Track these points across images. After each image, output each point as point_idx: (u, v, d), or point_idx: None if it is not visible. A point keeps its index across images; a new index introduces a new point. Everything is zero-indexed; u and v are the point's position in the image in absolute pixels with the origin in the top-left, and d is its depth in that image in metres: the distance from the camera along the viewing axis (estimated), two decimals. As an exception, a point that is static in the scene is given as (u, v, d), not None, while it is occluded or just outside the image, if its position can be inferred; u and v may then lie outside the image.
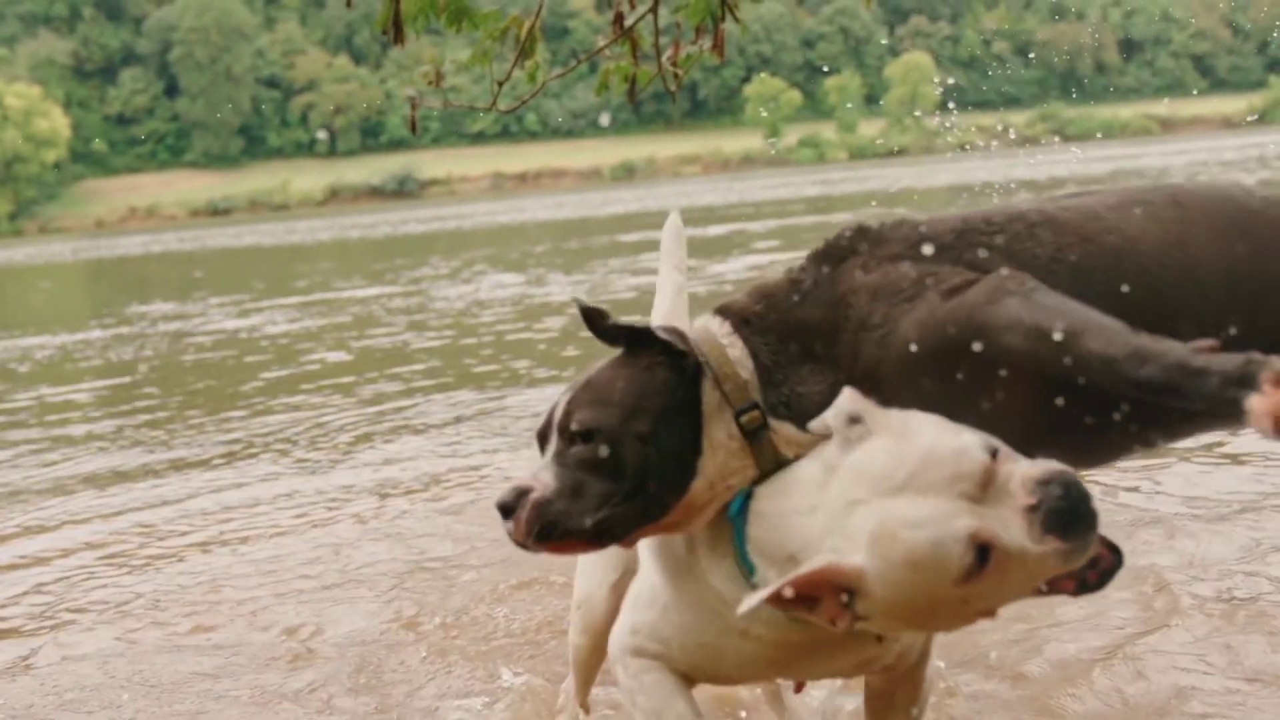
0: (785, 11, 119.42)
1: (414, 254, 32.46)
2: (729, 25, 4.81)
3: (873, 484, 2.18)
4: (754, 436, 2.47)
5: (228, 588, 5.31)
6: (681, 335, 2.48)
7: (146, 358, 14.45)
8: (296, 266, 33.01)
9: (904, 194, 39.68)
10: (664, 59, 4.90)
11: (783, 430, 2.47)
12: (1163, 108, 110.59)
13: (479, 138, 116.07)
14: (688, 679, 2.66)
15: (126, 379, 12.87)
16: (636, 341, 2.49)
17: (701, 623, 2.54)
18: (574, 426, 2.43)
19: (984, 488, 2.14)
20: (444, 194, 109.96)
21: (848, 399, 2.29)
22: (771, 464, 2.48)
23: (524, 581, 4.96)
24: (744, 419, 2.46)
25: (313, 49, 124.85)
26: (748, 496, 2.45)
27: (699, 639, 2.56)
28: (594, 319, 2.46)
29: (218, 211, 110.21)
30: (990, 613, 2.23)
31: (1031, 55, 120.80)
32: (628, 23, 4.83)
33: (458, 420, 8.62)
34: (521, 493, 2.40)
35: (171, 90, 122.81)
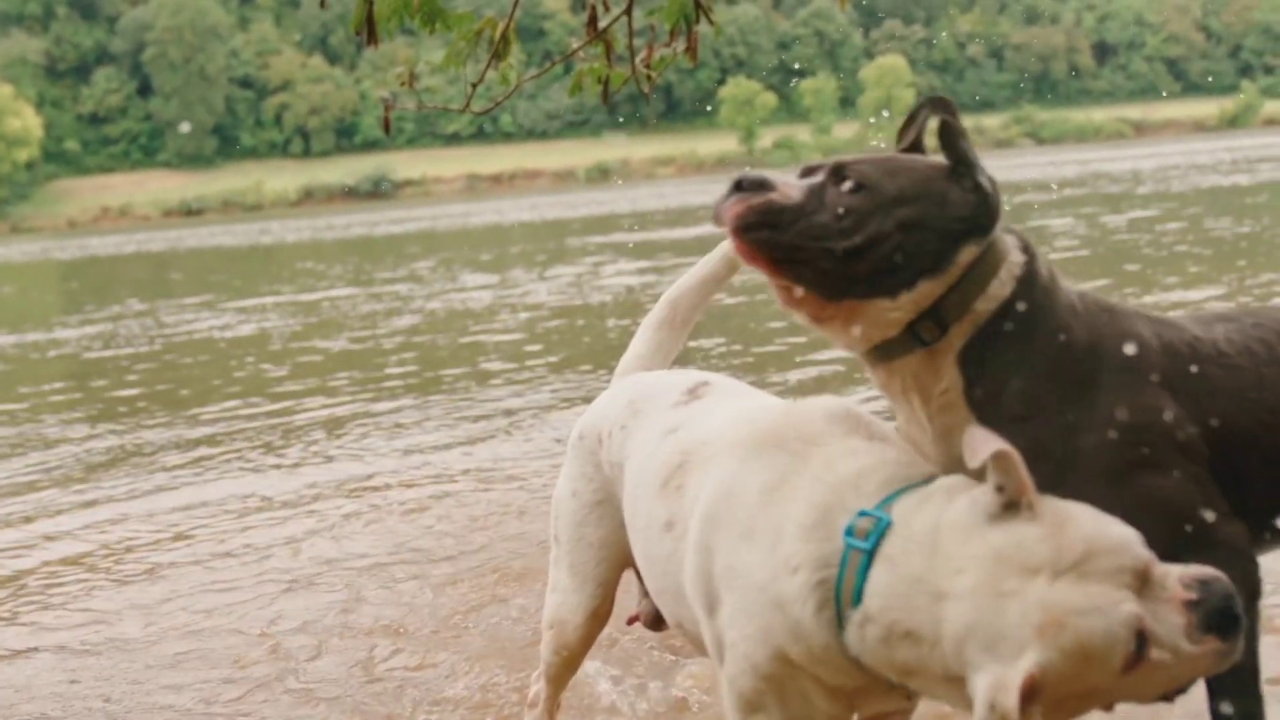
0: (760, 14, 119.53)
1: (387, 255, 32.39)
2: (703, 27, 4.83)
3: (1027, 572, 2.05)
4: (908, 332, 2.31)
5: (197, 587, 5.28)
6: (999, 208, 2.32)
7: (115, 357, 14.38)
8: (269, 267, 32.91)
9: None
10: (638, 61, 4.91)
11: (946, 372, 2.31)
12: (1136, 111, 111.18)
13: (453, 139, 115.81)
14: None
15: (96, 379, 12.81)
16: (969, 168, 2.30)
17: (762, 653, 2.35)
18: (850, 171, 2.30)
19: (1143, 582, 2.07)
20: (419, 195, 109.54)
21: (1015, 471, 2.11)
22: (876, 362, 2.35)
23: (498, 581, 4.96)
24: (923, 322, 2.30)
25: (287, 49, 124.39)
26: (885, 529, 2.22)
27: (762, 670, 2.37)
28: (951, 132, 2.31)
29: (191, 212, 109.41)
30: (1111, 708, 2.16)
31: (1006, 58, 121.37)
32: (602, 25, 4.84)
33: (427, 420, 8.62)
34: (763, 185, 2.29)
35: (145, 90, 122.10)
